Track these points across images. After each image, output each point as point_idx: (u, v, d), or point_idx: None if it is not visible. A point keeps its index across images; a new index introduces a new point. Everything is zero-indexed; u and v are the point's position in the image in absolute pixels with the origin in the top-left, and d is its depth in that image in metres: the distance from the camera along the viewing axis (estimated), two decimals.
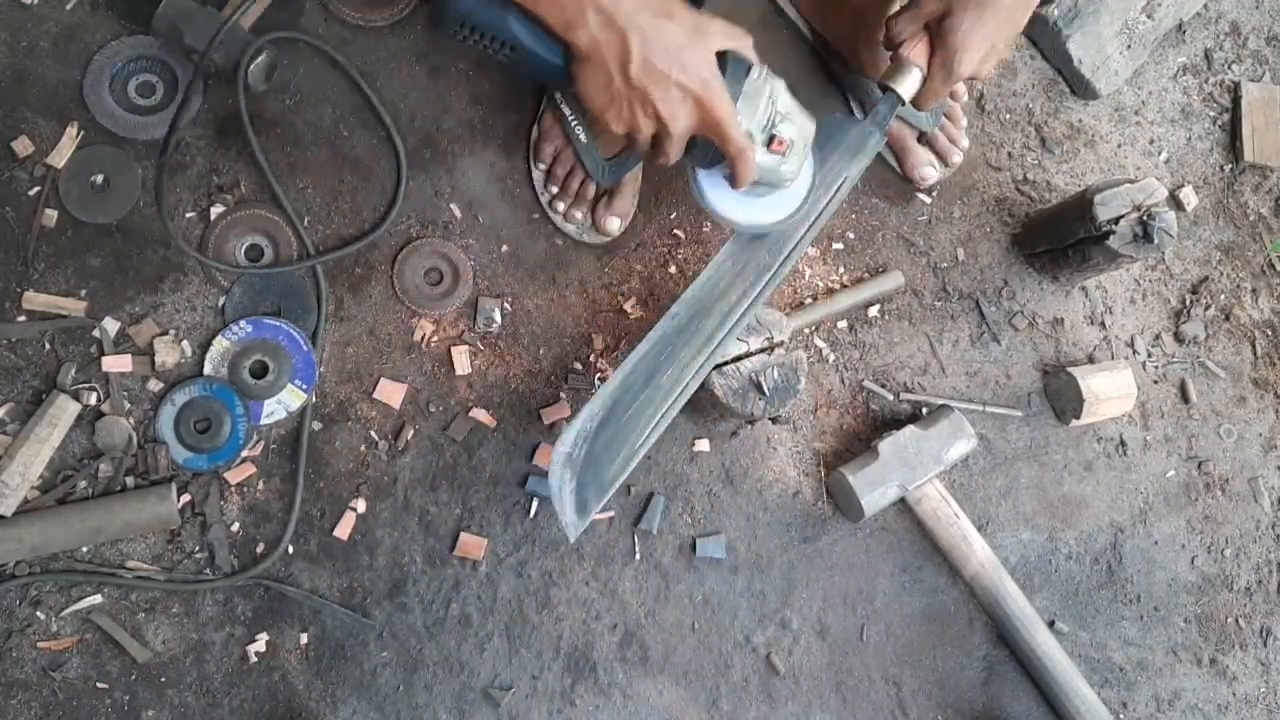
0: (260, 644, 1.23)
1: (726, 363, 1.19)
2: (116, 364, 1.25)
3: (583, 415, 1.05)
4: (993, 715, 1.36)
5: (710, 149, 0.94)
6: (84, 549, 1.21)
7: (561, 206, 1.36)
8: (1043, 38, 1.54)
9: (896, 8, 1.12)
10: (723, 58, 0.90)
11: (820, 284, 1.43)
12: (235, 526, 1.25)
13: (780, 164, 0.95)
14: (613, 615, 1.30)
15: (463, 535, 1.29)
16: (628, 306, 1.38)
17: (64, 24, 1.32)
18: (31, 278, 1.26)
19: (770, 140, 0.93)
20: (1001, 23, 1.02)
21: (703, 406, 1.25)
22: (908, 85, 1.07)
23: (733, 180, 0.95)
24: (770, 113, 0.93)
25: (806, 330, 1.40)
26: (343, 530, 1.27)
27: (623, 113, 0.90)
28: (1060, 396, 1.43)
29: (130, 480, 1.24)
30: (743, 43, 0.92)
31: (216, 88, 1.32)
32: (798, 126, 0.96)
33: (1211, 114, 1.60)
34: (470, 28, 0.91)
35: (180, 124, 1.25)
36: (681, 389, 1.06)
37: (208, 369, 1.27)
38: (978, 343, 1.46)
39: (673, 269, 1.40)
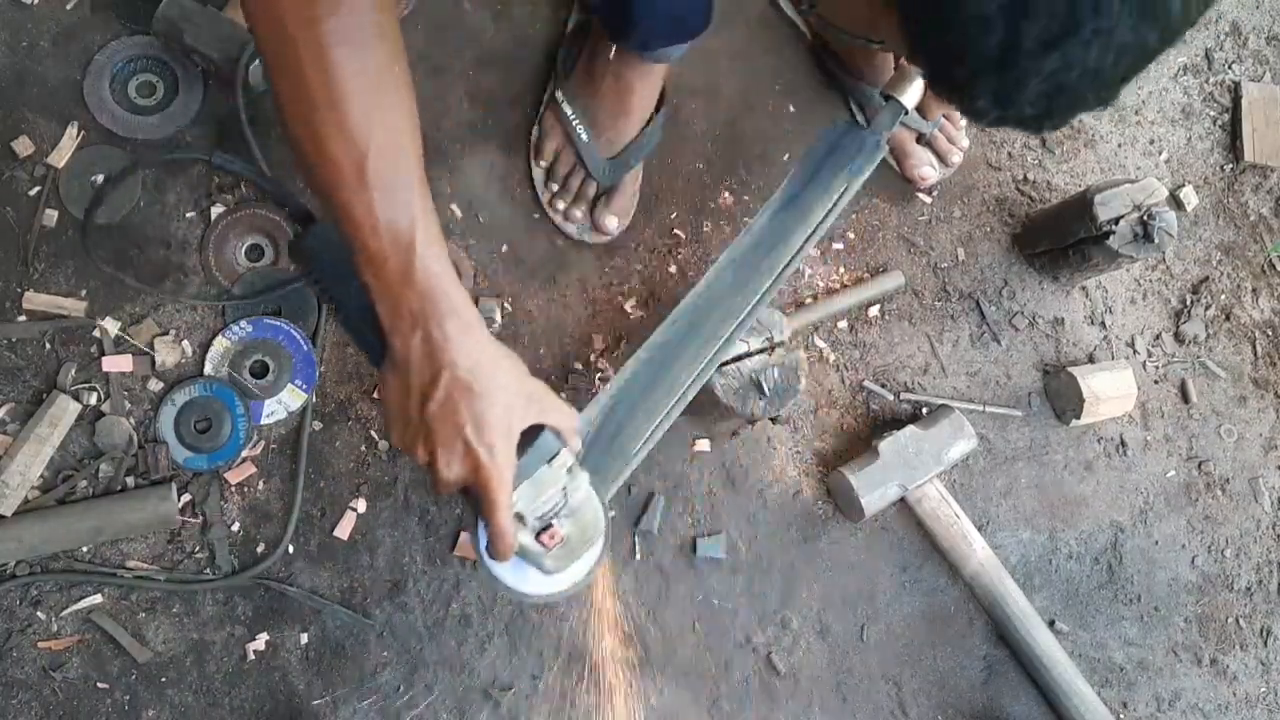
0: (260, 644, 1.23)
1: (727, 363, 1.19)
2: (116, 364, 1.25)
3: (581, 419, 1.05)
4: (993, 715, 1.36)
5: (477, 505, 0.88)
6: (84, 549, 1.21)
7: (561, 205, 1.36)
8: None
9: None
10: (536, 432, 0.84)
11: (820, 284, 1.43)
12: (235, 526, 1.25)
13: (544, 556, 0.89)
14: (613, 615, 1.30)
15: (463, 535, 1.28)
16: (628, 306, 1.38)
17: (64, 24, 1.32)
18: (32, 278, 1.26)
19: (541, 530, 0.87)
20: None
21: (703, 406, 1.25)
22: (911, 94, 1.06)
23: (488, 550, 0.89)
24: (556, 505, 0.87)
25: (806, 330, 1.40)
26: (343, 530, 1.27)
27: (404, 434, 0.84)
28: (1060, 396, 1.43)
29: (130, 480, 1.24)
30: (564, 424, 0.87)
31: (216, 88, 1.32)
32: (582, 527, 0.90)
33: (1212, 114, 1.60)
34: (315, 276, 0.88)
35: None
36: (680, 395, 1.06)
37: (208, 369, 1.27)
38: (978, 343, 1.46)
39: (673, 269, 1.40)
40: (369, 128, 0.74)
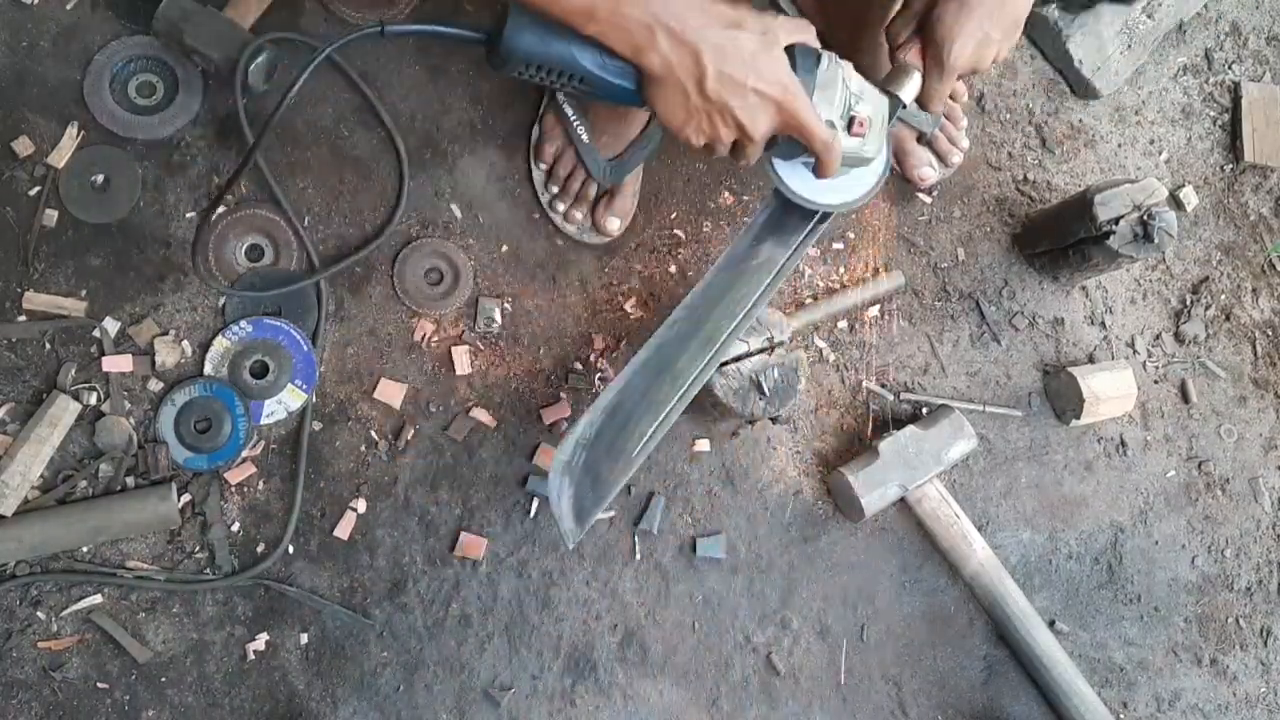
0: (260, 644, 1.23)
1: (726, 363, 1.19)
2: (116, 364, 1.25)
3: (581, 423, 1.05)
4: (993, 715, 1.36)
5: (791, 145, 0.95)
6: (84, 549, 1.21)
7: (562, 206, 1.36)
8: (1043, 38, 1.54)
9: (896, 10, 1.12)
10: (790, 52, 0.90)
11: (820, 284, 1.43)
12: (235, 526, 1.25)
13: (862, 146, 0.96)
14: (613, 615, 1.30)
15: (463, 535, 1.29)
16: (628, 306, 1.38)
17: (64, 24, 1.32)
18: (32, 278, 1.26)
19: (850, 124, 0.94)
20: (989, 12, 1.01)
21: (703, 406, 1.25)
22: (908, 88, 1.06)
23: (818, 171, 0.96)
24: (846, 97, 0.94)
25: (806, 330, 1.40)
26: (343, 530, 1.27)
27: (702, 126, 0.90)
28: (1060, 396, 1.43)
29: (130, 480, 1.24)
30: (807, 34, 0.93)
31: (216, 88, 1.32)
32: (872, 104, 0.96)
33: (1211, 114, 1.60)
34: (535, 66, 0.90)
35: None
36: (680, 397, 1.06)
37: (208, 369, 1.27)
38: (978, 343, 1.46)
39: (673, 269, 1.40)
40: None
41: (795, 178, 1.01)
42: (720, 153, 0.95)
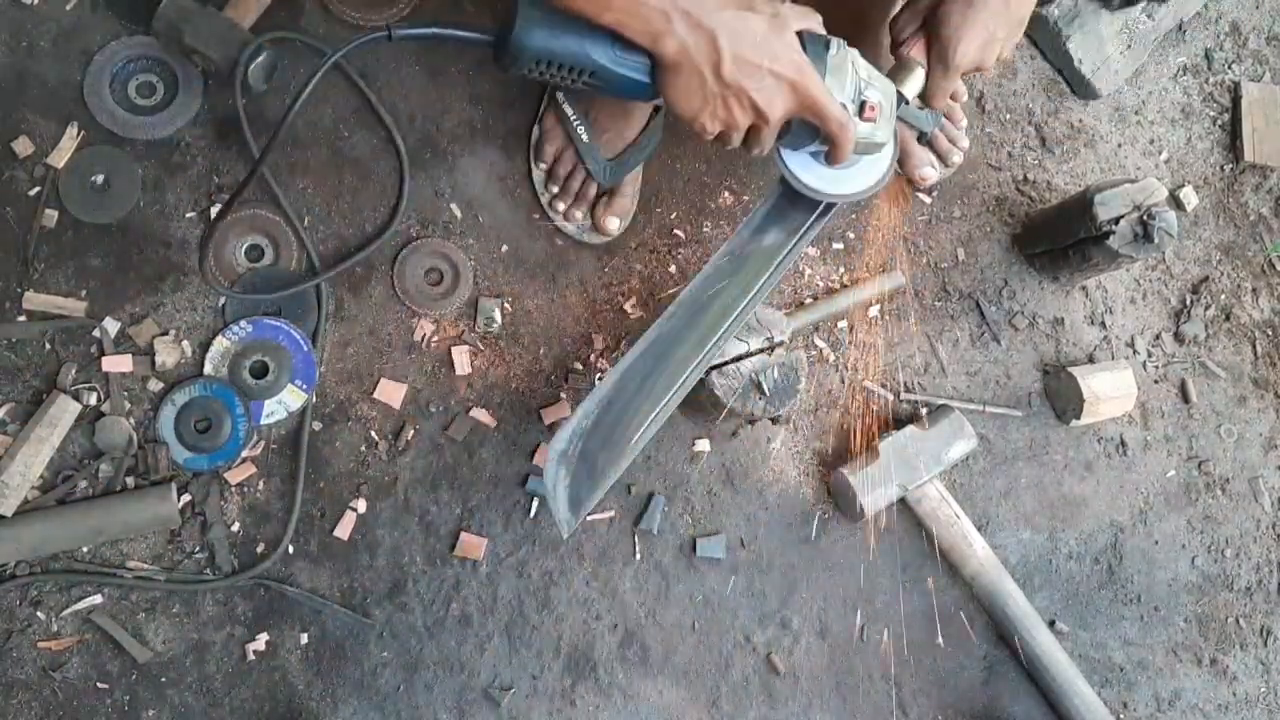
0: (260, 644, 1.23)
1: (726, 363, 1.19)
2: (116, 364, 1.25)
3: (578, 413, 1.05)
4: (993, 715, 1.36)
5: (803, 131, 0.95)
6: (84, 549, 1.21)
7: (562, 206, 1.36)
8: (1043, 38, 1.54)
9: (898, 9, 1.12)
10: (800, 38, 0.91)
11: (820, 284, 1.43)
12: (235, 526, 1.25)
13: (874, 130, 0.96)
14: (613, 615, 1.30)
15: (463, 535, 1.29)
16: (628, 306, 1.38)
17: (64, 24, 1.32)
18: (32, 278, 1.26)
19: (862, 108, 0.95)
20: (996, 10, 1.02)
21: (703, 406, 1.25)
22: (911, 84, 1.06)
23: (831, 156, 0.96)
24: (856, 82, 0.94)
25: (806, 330, 1.40)
26: (343, 530, 1.27)
27: (718, 112, 0.91)
28: (1060, 396, 1.43)
29: (130, 480, 1.24)
30: (813, 20, 0.94)
31: (216, 88, 1.32)
32: (881, 90, 0.97)
33: (1211, 114, 1.60)
34: (546, 63, 0.89)
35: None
36: (677, 388, 1.06)
37: (208, 369, 1.27)
38: (978, 343, 1.46)
39: (673, 269, 1.40)
40: None
41: (802, 169, 1.01)
42: (734, 141, 0.95)
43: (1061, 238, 1.40)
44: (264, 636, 1.24)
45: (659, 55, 0.88)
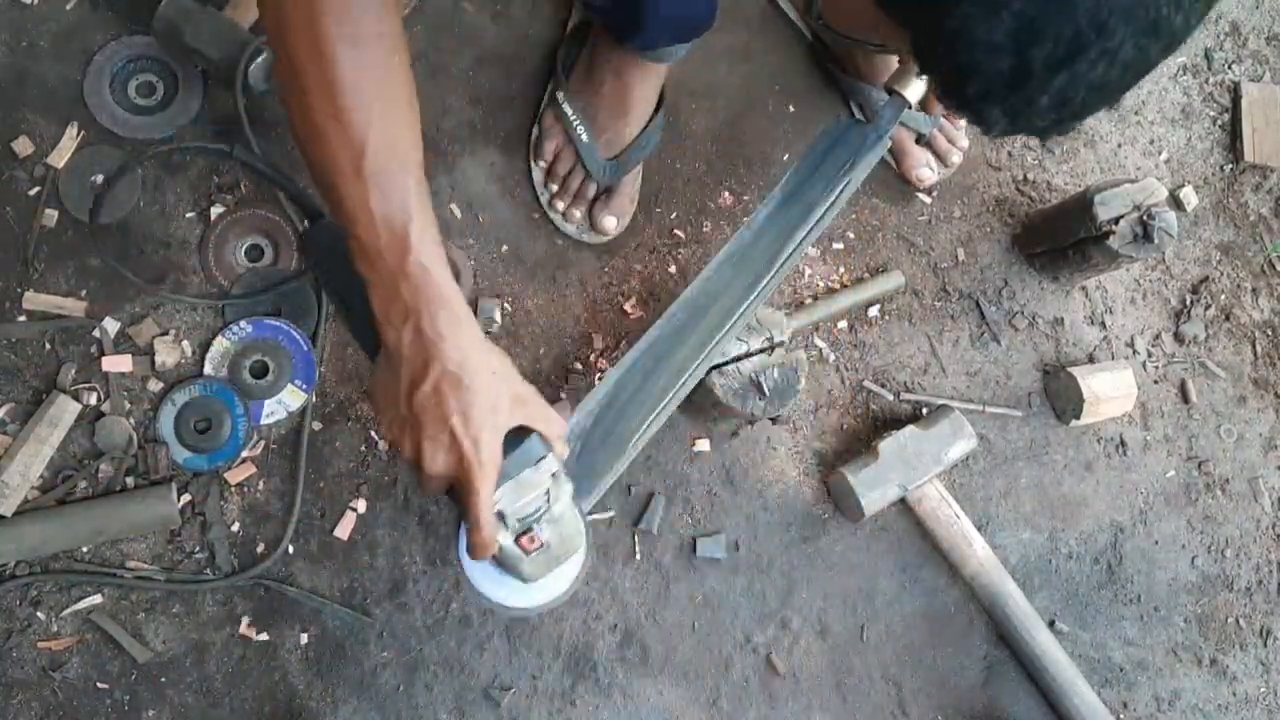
0: (259, 643, 1.23)
1: (726, 363, 1.19)
2: (116, 364, 1.25)
3: (577, 414, 1.05)
4: (993, 715, 1.36)
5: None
6: (84, 549, 1.21)
7: (561, 205, 1.36)
8: None
9: None
10: (525, 434, 0.84)
11: (820, 284, 1.43)
12: (235, 526, 1.25)
13: (522, 562, 0.89)
14: (613, 615, 1.30)
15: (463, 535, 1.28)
16: (628, 306, 1.38)
17: (64, 24, 1.32)
18: (31, 278, 1.26)
19: (522, 534, 0.87)
20: None
21: (703, 406, 1.25)
22: (914, 88, 1.06)
23: (468, 549, 0.89)
24: (539, 509, 0.87)
25: (806, 330, 1.40)
26: (343, 530, 1.27)
27: (392, 426, 0.84)
28: (1060, 396, 1.43)
29: (130, 480, 1.24)
30: (554, 431, 0.87)
31: (216, 88, 1.32)
32: (563, 536, 0.89)
33: (1211, 114, 1.60)
34: (319, 270, 0.92)
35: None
36: (677, 389, 1.06)
37: (208, 369, 1.27)
38: (978, 343, 1.46)
39: (673, 269, 1.40)
40: (367, 122, 0.75)
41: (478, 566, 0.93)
42: (405, 456, 0.87)
43: (1061, 238, 1.40)
44: (264, 637, 1.23)
45: (381, 339, 0.82)
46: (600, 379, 1.34)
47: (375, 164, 0.75)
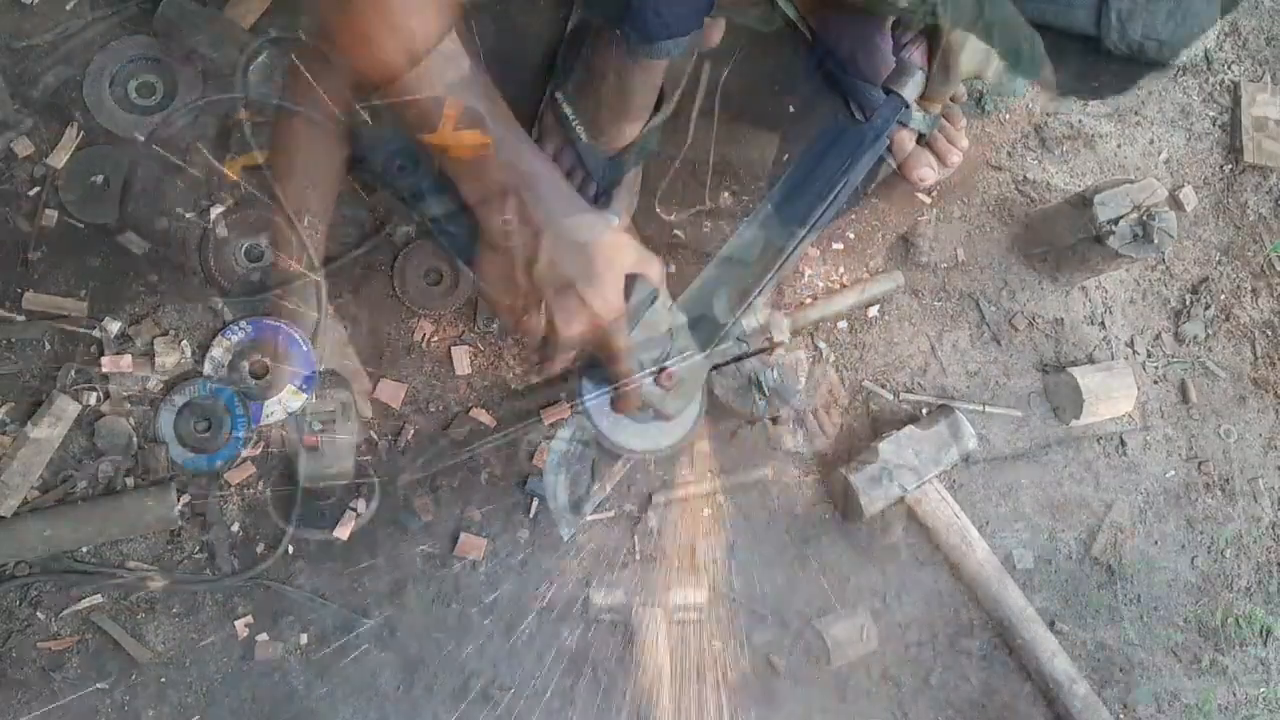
0: (259, 642, 1.23)
1: (726, 363, 1.19)
2: (116, 364, 1.25)
3: (576, 417, 1.05)
4: (993, 715, 1.36)
5: (597, 369, 0.90)
6: (84, 549, 1.21)
7: None
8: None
9: None
10: (631, 280, 0.85)
11: (820, 284, 1.43)
12: (235, 527, 1.25)
13: (664, 399, 0.91)
14: (613, 615, 1.30)
15: (463, 535, 1.28)
16: None
17: (64, 24, 1.31)
18: (32, 278, 1.26)
19: (659, 373, 0.89)
20: None
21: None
22: (911, 88, 1.07)
23: (615, 405, 0.91)
24: (666, 347, 0.89)
25: (806, 330, 1.40)
26: (343, 530, 1.27)
27: (516, 307, 0.85)
28: (1060, 396, 1.43)
29: (130, 480, 1.24)
30: (653, 269, 0.88)
31: (216, 88, 1.32)
32: (689, 368, 0.92)
33: (1211, 114, 1.60)
34: (389, 183, 0.88)
35: None
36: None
37: (208, 369, 1.27)
38: (978, 343, 1.46)
39: (672, 269, 1.40)
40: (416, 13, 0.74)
41: (602, 408, 0.96)
42: (528, 336, 0.89)
43: (1061, 238, 1.40)
44: (264, 637, 1.23)
45: (482, 225, 0.82)
46: None
47: (441, 65, 0.74)
